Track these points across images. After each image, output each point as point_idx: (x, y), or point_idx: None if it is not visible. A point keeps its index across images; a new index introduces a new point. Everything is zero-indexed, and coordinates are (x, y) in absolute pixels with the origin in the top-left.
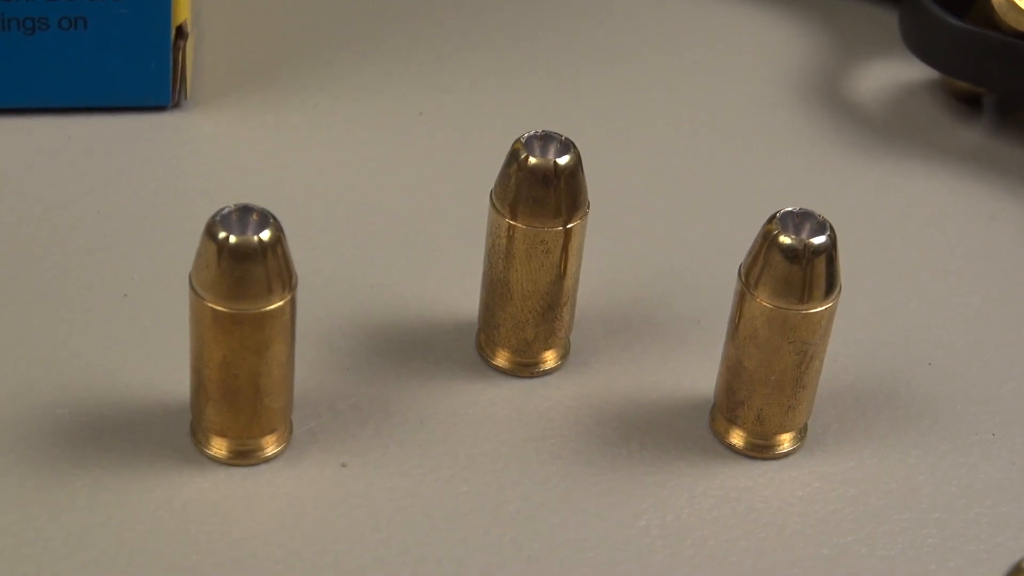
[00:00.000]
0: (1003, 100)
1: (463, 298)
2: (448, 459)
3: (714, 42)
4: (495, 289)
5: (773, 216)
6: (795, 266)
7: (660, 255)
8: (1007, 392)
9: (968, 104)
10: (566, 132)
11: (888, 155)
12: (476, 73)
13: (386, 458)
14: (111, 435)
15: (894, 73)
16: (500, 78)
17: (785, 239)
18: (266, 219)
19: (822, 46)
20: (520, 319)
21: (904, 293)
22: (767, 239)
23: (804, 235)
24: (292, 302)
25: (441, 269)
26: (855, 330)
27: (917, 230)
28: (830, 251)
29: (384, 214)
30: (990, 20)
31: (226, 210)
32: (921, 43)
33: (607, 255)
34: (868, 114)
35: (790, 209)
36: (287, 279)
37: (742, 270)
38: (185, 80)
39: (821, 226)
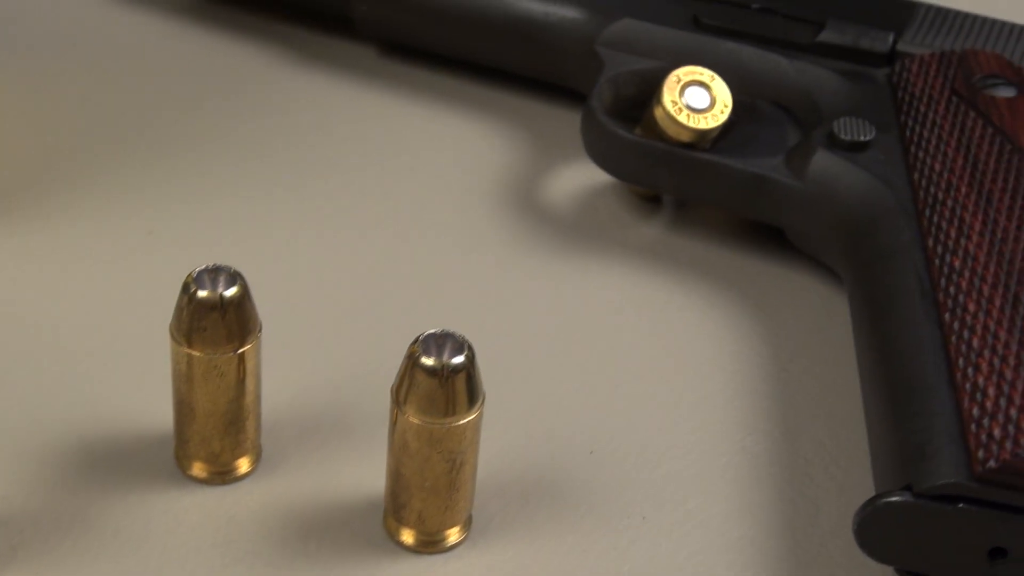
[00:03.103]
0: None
1: (168, 412)
2: (138, 568)
3: (420, 153)
4: (181, 409)
5: (416, 338)
6: (436, 384)
7: (352, 361)
8: (660, 475)
9: (650, 202)
10: (270, 249)
11: (574, 253)
12: (205, 192)
13: (80, 571)
14: None
15: (587, 175)
16: (224, 198)
17: (427, 360)
18: None
19: (522, 151)
20: (205, 434)
21: (574, 383)
22: (411, 360)
23: (444, 356)
24: None
25: (151, 385)
26: (524, 423)
27: (591, 322)
28: (468, 369)
29: (101, 334)
30: (655, 131)
31: None
32: (599, 153)
33: (300, 363)
34: (560, 215)
35: (432, 331)
36: None
37: (393, 389)
38: None
39: (460, 346)
